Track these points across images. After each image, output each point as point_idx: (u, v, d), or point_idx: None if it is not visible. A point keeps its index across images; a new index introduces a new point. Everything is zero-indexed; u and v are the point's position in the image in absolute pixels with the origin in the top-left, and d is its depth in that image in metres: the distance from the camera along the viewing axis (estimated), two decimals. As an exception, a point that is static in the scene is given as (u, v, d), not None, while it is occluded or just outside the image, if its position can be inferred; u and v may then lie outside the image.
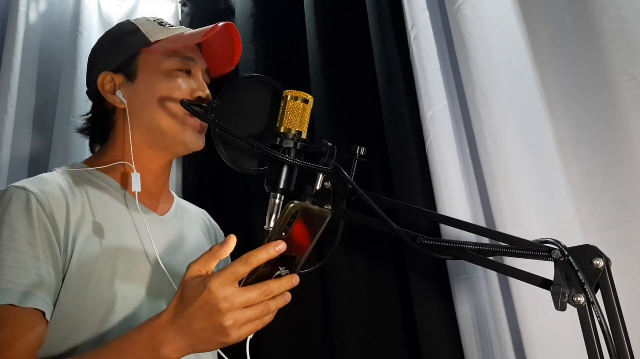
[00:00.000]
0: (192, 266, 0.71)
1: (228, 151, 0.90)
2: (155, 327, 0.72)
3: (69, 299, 0.85)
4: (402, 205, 1.01)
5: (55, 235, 0.85)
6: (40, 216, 0.84)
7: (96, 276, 0.86)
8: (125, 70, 1.00)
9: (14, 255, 0.81)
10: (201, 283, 0.69)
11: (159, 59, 0.99)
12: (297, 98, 0.85)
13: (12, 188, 0.87)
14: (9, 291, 0.79)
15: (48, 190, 0.88)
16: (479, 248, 0.75)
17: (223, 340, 0.70)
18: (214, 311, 0.68)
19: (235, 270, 0.68)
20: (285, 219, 0.70)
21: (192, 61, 1.01)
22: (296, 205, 0.70)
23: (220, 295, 0.67)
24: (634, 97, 0.92)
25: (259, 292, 0.69)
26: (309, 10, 1.36)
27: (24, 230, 0.83)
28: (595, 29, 0.97)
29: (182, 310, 0.70)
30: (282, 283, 0.71)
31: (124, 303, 0.88)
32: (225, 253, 0.72)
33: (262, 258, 0.69)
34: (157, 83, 0.97)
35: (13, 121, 1.43)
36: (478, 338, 1.02)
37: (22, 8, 1.51)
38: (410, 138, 1.14)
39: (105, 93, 1.00)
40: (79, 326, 0.84)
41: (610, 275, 0.64)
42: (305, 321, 1.28)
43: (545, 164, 0.96)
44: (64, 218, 0.87)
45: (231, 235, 0.73)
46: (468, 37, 1.03)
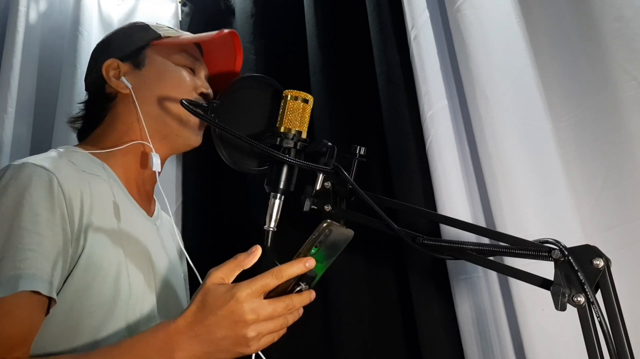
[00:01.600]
0: (215, 273, 0.71)
1: (228, 151, 0.90)
2: (171, 331, 0.70)
3: (72, 293, 0.80)
4: (402, 205, 1.01)
5: (70, 224, 0.80)
6: (60, 201, 0.79)
7: (102, 274, 0.83)
8: (133, 59, 1.00)
9: (37, 239, 0.75)
10: (228, 292, 0.68)
11: (168, 52, 1.01)
12: (297, 98, 0.85)
13: (31, 165, 0.80)
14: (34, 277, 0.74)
15: (66, 174, 0.83)
16: (479, 248, 0.75)
17: (242, 351, 0.70)
18: (240, 321, 0.68)
19: (265, 282, 0.69)
20: (317, 236, 0.71)
21: (198, 61, 1.03)
22: (330, 223, 0.71)
23: (248, 306, 0.68)
24: (634, 97, 0.92)
25: (283, 305, 0.70)
26: (309, 10, 1.36)
27: (47, 213, 0.77)
28: (595, 28, 0.97)
29: (203, 317, 0.69)
30: (303, 298, 0.72)
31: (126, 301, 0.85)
32: (251, 262, 0.72)
33: (294, 272, 0.70)
34: (167, 72, 0.99)
35: (13, 121, 1.43)
36: (478, 338, 1.02)
37: (22, 8, 1.51)
38: (410, 138, 1.14)
39: (110, 78, 0.99)
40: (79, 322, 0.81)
41: (610, 275, 0.64)
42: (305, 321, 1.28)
43: (546, 164, 0.96)
44: (79, 207, 0.82)
45: (257, 245, 0.73)
46: (468, 37, 1.03)
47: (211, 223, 1.50)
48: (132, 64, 1.00)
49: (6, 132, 1.41)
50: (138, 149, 0.98)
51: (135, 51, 1.01)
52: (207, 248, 1.44)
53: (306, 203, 0.86)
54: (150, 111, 0.97)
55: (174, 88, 0.97)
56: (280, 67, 1.45)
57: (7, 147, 1.42)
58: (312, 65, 1.33)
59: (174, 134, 0.99)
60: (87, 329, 0.81)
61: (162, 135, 0.99)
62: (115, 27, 1.70)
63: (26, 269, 0.73)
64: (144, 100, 0.97)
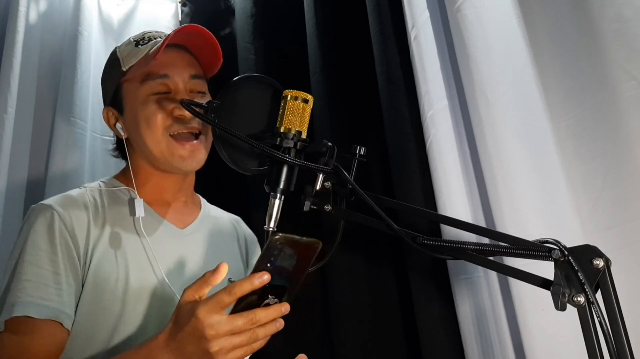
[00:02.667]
0: (187, 291, 0.74)
1: (228, 151, 0.90)
2: (152, 347, 0.75)
3: (83, 310, 0.90)
4: (402, 205, 1.01)
5: (76, 250, 0.91)
6: (62, 232, 0.91)
7: (109, 290, 0.91)
8: (116, 104, 1.03)
9: (34, 270, 0.88)
10: (191, 310, 0.72)
11: (135, 87, 1.00)
12: (297, 98, 0.85)
13: (41, 205, 0.94)
14: (28, 304, 0.85)
15: (72, 208, 0.94)
16: (479, 248, 0.75)
17: None
18: (202, 337, 0.70)
19: (220, 299, 0.71)
20: (269, 251, 0.71)
21: (166, 78, 0.98)
22: (280, 237, 0.70)
23: (207, 322, 0.70)
24: (634, 96, 0.92)
25: (244, 321, 0.71)
26: (309, 10, 1.36)
27: (46, 246, 0.89)
28: (595, 28, 0.97)
29: (175, 333, 0.73)
30: (269, 312, 0.73)
31: (132, 317, 0.92)
32: (217, 280, 0.74)
33: (246, 289, 0.71)
34: (138, 114, 0.99)
35: (13, 121, 1.43)
36: (478, 338, 1.03)
37: (22, 8, 1.51)
38: (410, 138, 1.14)
39: (111, 127, 1.06)
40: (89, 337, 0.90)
41: (610, 275, 0.64)
42: (305, 321, 1.28)
43: (546, 164, 0.96)
44: (84, 234, 0.93)
45: (223, 263, 0.75)
46: (468, 37, 1.03)
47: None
48: (117, 110, 1.03)
49: (6, 132, 1.41)
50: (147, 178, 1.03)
51: (114, 95, 1.03)
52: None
53: (306, 203, 0.86)
54: (143, 152, 1.01)
55: (146, 129, 0.98)
56: (280, 67, 1.45)
57: (7, 147, 1.42)
58: (312, 65, 1.33)
59: (168, 167, 1.01)
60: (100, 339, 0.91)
61: (164, 169, 1.02)
62: (115, 28, 1.71)
63: (22, 297, 0.86)
64: (136, 142, 1.02)
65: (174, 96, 0.98)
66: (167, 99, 0.98)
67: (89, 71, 1.55)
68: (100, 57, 1.16)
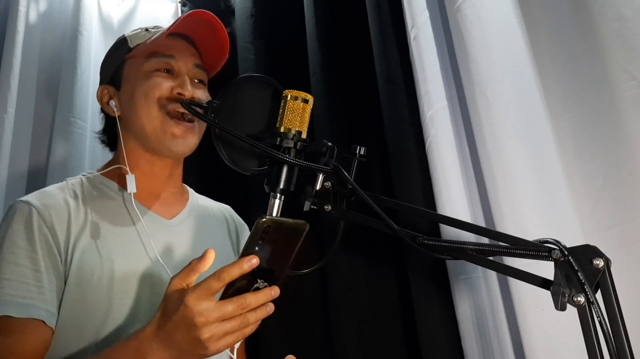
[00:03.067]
0: (174, 279, 0.73)
1: (228, 151, 0.90)
2: (141, 338, 0.74)
3: (68, 305, 0.88)
4: (402, 205, 1.01)
5: (56, 245, 0.89)
6: (41, 228, 0.89)
7: (94, 283, 0.89)
8: (114, 80, 1.04)
9: (12, 269, 0.86)
10: (179, 298, 0.71)
11: (139, 62, 1.01)
12: (297, 98, 0.85)
13: (18, 202, 0.92)
14: (7, 303, 0.84)
15: (51, 203, 0.92)
16: (479, 248, 0.75)
17: (202, 352, 0.72)
18: (191, 325, 0.69)
19: (208, 285, 0.70)
20: (256, 234, 0.70)
21: (171, 58, 1.00)
22: (267, 220, 0.70)
23: (196, 309, 0.69)
24: (634, 96, 0.92)
25: (234, 306, 0.70)
26: (308, 10, 1.36)
27: (24, 243, 0.87)
28: (595, 28, 0.97)
29: (164, 323, 0.72)
30: (259, 296, 0.72)
31: (121, 309, 0.90)
32: (204, 267, 0.73)
33: (235, 273, 0.70)
34: (137, 86, 0.99)
35: (13, 121, 1.43)
36: (478, 338, 1.02)
37: (22, 8, 1.51)
38: (410, 138, 1.14)
39: (103, 105, 1.05)
40: (76, 333, 0.88)
41: (610, 275, 0.64)
42: (305, 321, 1.28)
43: (546, 164, 0.96)
44: (64, 229, 0.91)
45: (209, 249, 0.74)
46: (468, 37, 1.03)
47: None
48: (115, 86, 1.04)
49: (6, 132, 1.41)
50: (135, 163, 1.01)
51: (114, 72, 1.04)
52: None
53: (306, 203, 0.86)
54: (134, 129, 1.00)
55: (144, 102, 0.97)
56: (280, 67, 1.45)
57: (7, 147, 1.42)
58: (312, 65, 1.33)
59: (160, 147, 0.99)
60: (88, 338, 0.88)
61: (154, 149, 1.01)
62: (115, 28, 1.71)
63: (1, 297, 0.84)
64: (128, 119, 1.01)
65: (176, 77, 1.00)
66: (169, 77, 1.00)
67: (89, 71, 1.55)
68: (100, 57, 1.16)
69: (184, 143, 0.99)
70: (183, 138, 0.99)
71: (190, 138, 1.00)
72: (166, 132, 0.97)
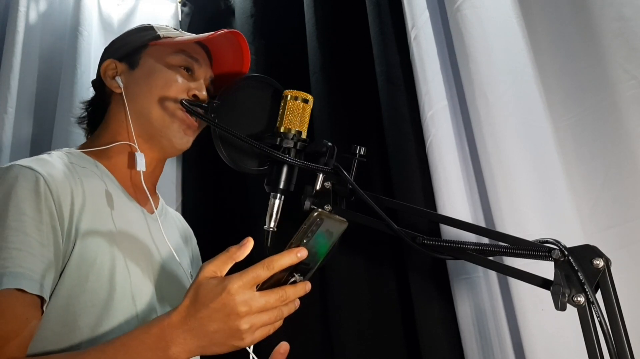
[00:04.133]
0: (207, 266, 0.70)
1: (228, 151, 0.90)
2: (165, 326, 0.70)
3: (66, 291, 0.81)
4: (402, 205, 1.01)
5: (60, 221, 0.81)
6: (47, 200, 0.80)
7: (96, 269, 0.83)
8: (130, 59, 1.02)
9: (21, 238, 0.77)
10: (219, 285, 0.68)
11: (165, 52, 1.00)
12: (297, 98, 0.85)
13: (17, 166, 0.82)
14: (19, 275, 0.74)
15: (54, 174, 0.84)
16: (479, 248, 0.75)
17: (236, 343, 0.69)
18: (232, 314, 0.67)
19: (256, 273, 0.68)
20: (309, 227, 0.70)
21: (196, 62, 1.01)
22: (321, 213, 0.70)
23: (240, 298, 0.67)
24: (634, 96, 0.92)
25: (276, 297, 0.69)
26: (308, 10, 1.36)
27: (32, 212, 0.78)
28: (595, 28, 0.97)
29: (195, 311, 0.69)
30: (297, 290, 0.71)
31: (121, 298, 0.86)
32: (243, 254, 0.71)
33: (285, 263, 0.68)
34: (157, 73, 0.98)
35: (13, 121, 1.43)
36: (478, 337, 1.02)
37: (22, 8, 1.51)
38: (410, 138, 1.14)
39: (106, 78, 1.02)
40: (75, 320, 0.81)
41: (610, 275, 0.64)
42: (305, 321, 1.28)
43: (546, 164, 0.96)
44: (69, 204, 0.83)
45: (249, 237, 0.72)
46: (468, 37, 1.03)
47: (211, 222, 1.50)
48: (128, 65, 1.01)
49: (6, 132, 1.41)
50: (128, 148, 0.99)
51: (132, 52, 1.02)
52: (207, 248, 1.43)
53: (306, 203, 0.86)
54: (137, 110, 0.98)
55: (160, 89, 0.97)
56: (280, 67, 1.45)
57: (7, 147, 1.42)
58: (312, 65, 1.33)
59: (159, 135, 0.98)
60: (85, 326, 0.81)
61: (149, 135, 0.99)
62: (115, 28, 1.71)
63: (11, 267, 0.74)
64: (133, 99, 0.99)
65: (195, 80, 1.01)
66: (189, 77, 1.00)
67: (89, 71, 1.55)
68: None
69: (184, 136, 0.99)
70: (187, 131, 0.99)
71: (189, 136, 1.00)
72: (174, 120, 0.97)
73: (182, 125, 0.98)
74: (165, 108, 0.97)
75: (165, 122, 0.97)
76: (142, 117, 0.98)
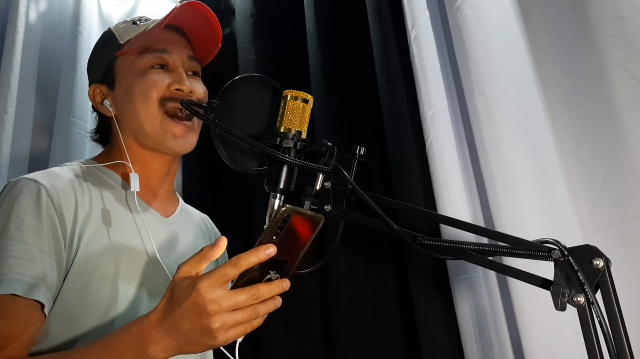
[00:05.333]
0: (182, 266, 0.71)
1: (228, 151, 0.90)
2: (143, 326, 0.71)
3: (70, 294, 0.85)
4: (402, 205, 1.01)
5: (62, 229, 0.85)
6: (49, 209, 0.85)
7: (99, 274, 0.87)
8: (107, 79, 1.02)
9: (20, 246, 0.81)
10: (190, 285, 0.68)
11: (132, 59, 0.99)
12: (297, 98, 0.85)
13: (23, 179, 0.87)
14: (15, 281, 0.79)
15: (58, 185, 0.89)
16: (479, 248, 0.75)
17: (210, 342, 0.70)
18: (202, 313, 0.67)
19: (224, 272, 0.68)
20: (276, 223, 0.69)
21: (165, 53, 1.00)
22: (288, 209, 0.69)
23: (209, 297, 0.67)
24: (633, 96, 0.92)
25: (247, 295, 0.68)
26: (309, 10, 1.36)
27: (32, 222, 0.83)
28: (594, 28, 0.97)
29: (170, 311, 0.70)
30: (271, 288, 0.70)
31: (124, 301, 0.89)
32: (216, 254, 0.71)
33: (252, 261, 0.68)
34: (133, 85, 0.98)
35: (13, 121, 1.44)
36: (478, 337, 1.02)
37: (22, 8, 1.51)
38: (410, 138, 1.14)
39: (97, 105, 1.03)
40: (78, 323, 0.85)
41: (610, 275, 0.64)
42: (305, 321, 1.28)
43: (545, 164, 0.96)
44: (72, 213, 0.88)
45: (222, 236, 0.72)
46: (468, 37, 1.03)
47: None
48: (107, 85, 1.02)
49: (6, 132, 1.41)
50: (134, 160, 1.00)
51: (106, 70, 1.02)
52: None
53: (306, 203, 0.86)
54: (133, 129, 0.99)
55: (142, 102, 0.97)
56: (280, 67, 1.45)
57: (7, 147, 1.42)
58: (312, 65, 1.33)
59: (161, 145, 0.99)
60: (88, 328, 0.84)
61: (150, 148, 1.00)
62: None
63: (7, 274, 0.79)
64: (125, 119, 1.00)
65: (171, 71, 0.99)
66: (164, 73, 0.99)
67: (89, 71, 1.55)
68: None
69: (186, 142, 0.99)
70: (184, 138, 0.99)
71: (190, 137, 1.00)
72: (167, 133, 0.97)
73: (177, 132, 0.98)
74: (153, 120, 0.97)
75: (160, 135, 0.98)
76: (139, 134, 0.99)
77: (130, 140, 1.00)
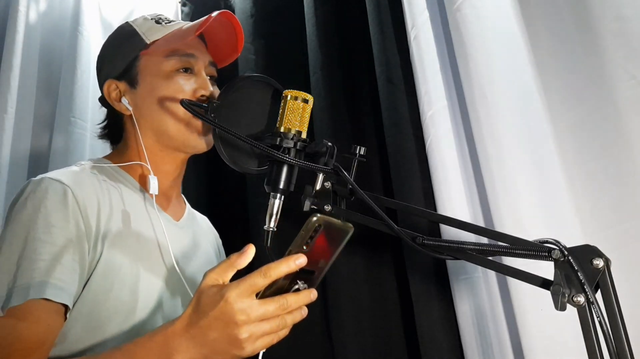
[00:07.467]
0: (210, 274, 0.70)
1: (228, 151, 0.90)
2: (169, 334, 0.70)
3: (92, 298, 0.84)
4: (402, 205, 1.01)
5: (87, 232, 0.84)
6: (74, 211, 0.84)
7: (120, 279, 0.86)
8: (127, 76, 1.00)
9: (49, 249, 0.80)
10: (218, 293, 0.67)
11: (157, 60, 0.98)
12: (297, 98, 0.85)
13: (47, 179, 0.86)
14: (45, 285, 0.78)
15: (82, 185, 0.88)
16: (478, 248, 0.75)
17: (237, 353, 0.69)
18: (230, 322, 0.66)
19: (253, 281, 0.67)
20: (307, 232, 0.68)
21: (192, 58, 1.00)
22: (320, 218, 0.68)
23: (238, 306, 0.66)
24: (633, 96, 0.92)
25: (276, 306, 0.68)
26: (308, 10, 1.36)
27: (60, 223, 0.82)
28: (595, 28, 0.97)
29: (197, 319, 0.69)
30: (300, 298, 0.70)
31: (143, 307, 0.88)
32: (244, 262, 0.70)
33: (282, 271, 0.67)
34: (159, 87, 0.97)
35: (13, 121, 1.43)
36: (478, 338, 1.02)
37: (22, 8, 1.51)
38: (410, 138, 1.14)
39: (112, 102, 1.01)
40: (98, 327, 0.84)
41: (610, 275, 0.64)
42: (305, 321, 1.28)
43: (545, 164, 0.96)
44: (95, 215, 0.87)
45: (250, 244, 0.71)
46: (468, 36, 1.03)
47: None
48: (128, 83, 1.00)
49: (6, 131, 1.41)
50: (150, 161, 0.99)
51: (127, 68, 1.00)
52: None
53: (306, 203, 0.86)
54: (154, 128, 0.98)
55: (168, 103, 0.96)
56: (280, 67, 1.45)
57: (7, 147, 1.42)
58: (312, 65, 1.33)
59: (183, 146, 0.99)
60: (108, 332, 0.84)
61: (173, 147, 1.00)
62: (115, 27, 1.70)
63: (37, 278, 0.78)
64: (146, 118, 0.99)
65: (195, 76, 0.99)
66: (190, 78, 0.99)
67: (89, 71, 1.55)
68: (100, 57, 1.19)
69: (208, 140, 0.99)
70: (207, 136, 0.99)
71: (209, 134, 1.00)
72: (193, 132, 0.97)
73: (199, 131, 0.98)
74: (180, 120, 0.96)
75: (186, 134, 0.97)
76: (160, 134, 0.98)
77: (149, 140, 0.99)
